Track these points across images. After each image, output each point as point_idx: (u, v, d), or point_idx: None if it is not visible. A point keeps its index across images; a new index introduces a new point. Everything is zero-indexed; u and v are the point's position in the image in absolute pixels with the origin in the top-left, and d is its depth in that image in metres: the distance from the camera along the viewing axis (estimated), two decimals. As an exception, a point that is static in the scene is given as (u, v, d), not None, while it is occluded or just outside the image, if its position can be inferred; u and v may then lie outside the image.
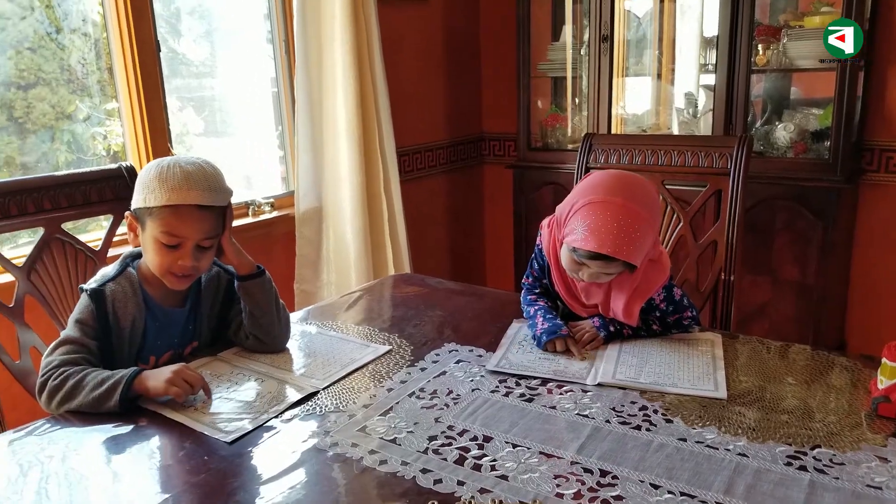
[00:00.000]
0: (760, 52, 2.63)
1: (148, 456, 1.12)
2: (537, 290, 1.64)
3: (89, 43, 2.33)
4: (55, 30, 2.23)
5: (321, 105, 2.66)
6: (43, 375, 1.28)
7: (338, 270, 2.72)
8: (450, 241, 3.66)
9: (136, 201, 1.36)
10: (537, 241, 1.62)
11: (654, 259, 1.49)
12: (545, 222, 1.58)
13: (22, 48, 2.18)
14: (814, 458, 1.05)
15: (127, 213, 1.41)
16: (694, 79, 3.10)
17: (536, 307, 1.57)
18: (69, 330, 1.35)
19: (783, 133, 2.68)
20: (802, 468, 1.02)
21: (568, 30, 3.13)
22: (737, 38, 2.63)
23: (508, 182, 3.32)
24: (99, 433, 1.18)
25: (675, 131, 3.14)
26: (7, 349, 1.55)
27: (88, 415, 1.23)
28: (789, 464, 1.03)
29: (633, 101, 3.28)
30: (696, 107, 3.06)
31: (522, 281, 1.68)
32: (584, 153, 2.05)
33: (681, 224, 1.92)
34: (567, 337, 1.46)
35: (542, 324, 1.50)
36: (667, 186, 1.93)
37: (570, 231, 1.40)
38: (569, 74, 3.25)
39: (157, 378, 1.25)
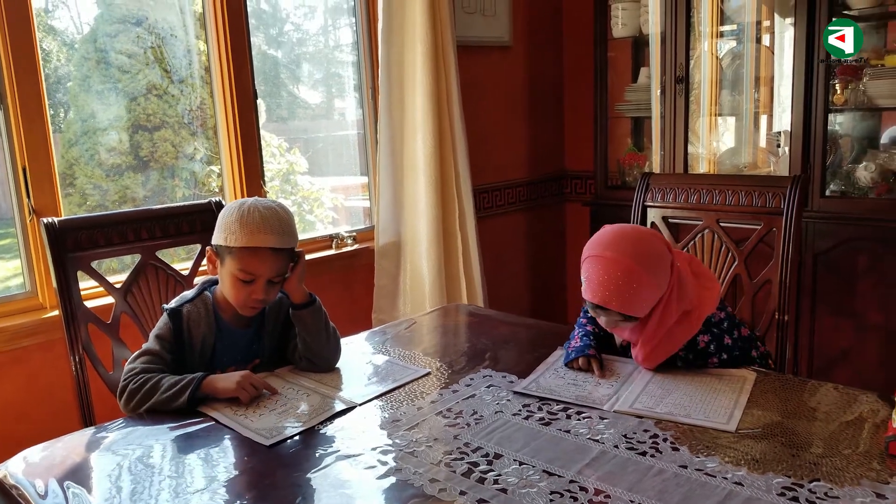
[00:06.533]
0: (838, 91, 2.59)
1: (196, 453, 1.28)
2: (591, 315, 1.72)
3: (203, 91, 2.60)
4: (169, 81, 2.52)
5: (402, 147, 2.84)
6: (124, 380, 1.47)
7: (413, 302, 2.86)
8: (530, 277, 3.74)
9: (218, 238, 1.55)
10: None
11: (687, 310, 1.52)
12: None
13: (150, 95, 2.47)
14: (809, 490, 1.07)
15: (208, 248, 1.60)
16: (780, 118, 3.06)
17: (581, 330, 1.65)
18: (150, 343, 1.54)
19: (864, 173, 2.62)
20: (794, 500, 1.05)
21: (646, 71, 3.18)
22: (812, 77, 2.61)
23: (587, 219, 3.38)
24: (158, 433, 1.35)
25: (772, 170, 3.10)
26: (103, 361, 1.77)
27: (151, 417, 1.41)
28: (782, 494, 1.06)
29: (728, 140, 3.27)
30: (779, 146, 3.03)
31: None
32: (641, 192, 2.12)
33: (735, 263, 1.94)
34: (592, 357, 1.54)
35: (577, 342, 1.60)
36: (722, 225, 1.96)
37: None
38: (654, 114, 3.27)
39: (228, 380, 1.44)
